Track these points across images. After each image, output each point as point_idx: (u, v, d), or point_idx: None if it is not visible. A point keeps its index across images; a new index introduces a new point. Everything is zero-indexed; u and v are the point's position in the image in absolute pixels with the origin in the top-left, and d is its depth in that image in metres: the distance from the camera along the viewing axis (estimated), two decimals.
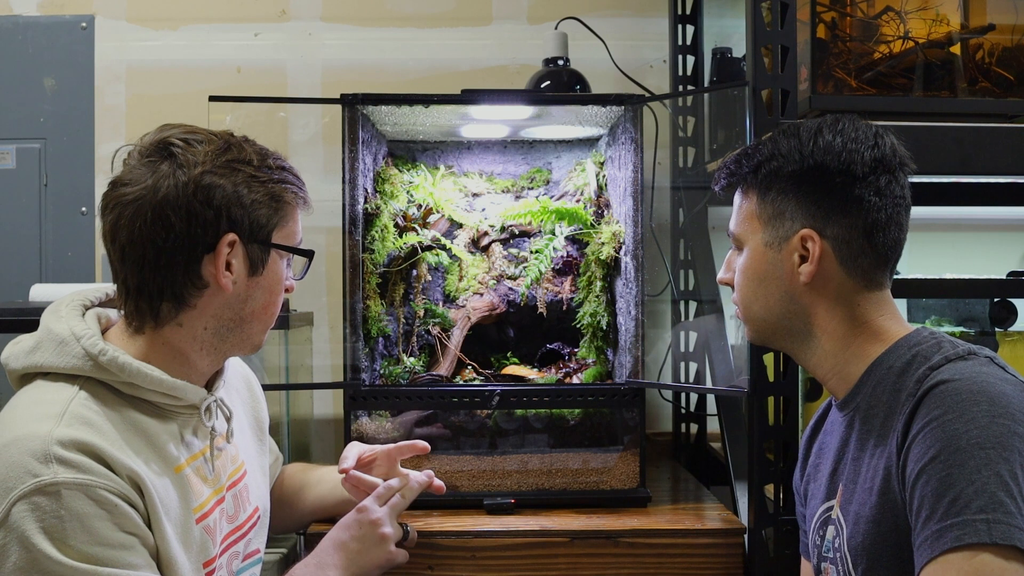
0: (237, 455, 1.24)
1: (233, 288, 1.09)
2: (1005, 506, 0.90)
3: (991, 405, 0.95)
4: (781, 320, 1.14)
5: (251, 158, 1.10)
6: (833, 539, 1.11)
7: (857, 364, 1.11)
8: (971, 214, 2.11)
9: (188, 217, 1.04)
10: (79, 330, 1.06)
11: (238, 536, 1.20)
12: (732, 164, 1.18)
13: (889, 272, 1.13)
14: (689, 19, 2.17)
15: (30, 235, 2.20)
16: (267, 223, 1.11)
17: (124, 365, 1.04)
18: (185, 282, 1.07)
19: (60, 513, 0.94)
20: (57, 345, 1.05)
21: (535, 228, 1.84)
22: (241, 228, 1.08)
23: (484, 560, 1.45)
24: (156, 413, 1.08)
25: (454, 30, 2.25)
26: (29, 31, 2.22)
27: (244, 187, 1.08)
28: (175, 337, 1.09)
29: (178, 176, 1.05)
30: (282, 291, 1.17)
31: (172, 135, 1.08)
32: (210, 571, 1.12)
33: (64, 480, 0.95)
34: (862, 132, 1.10)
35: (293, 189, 1.14)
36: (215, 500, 1.14)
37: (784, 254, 1.11)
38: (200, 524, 1.10)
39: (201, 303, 1.09)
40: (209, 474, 1.14)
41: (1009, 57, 1.62)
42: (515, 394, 1.62)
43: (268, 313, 1.16)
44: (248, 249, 1.09)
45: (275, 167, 1.12)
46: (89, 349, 1.04)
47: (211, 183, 1.05)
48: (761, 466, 1.47)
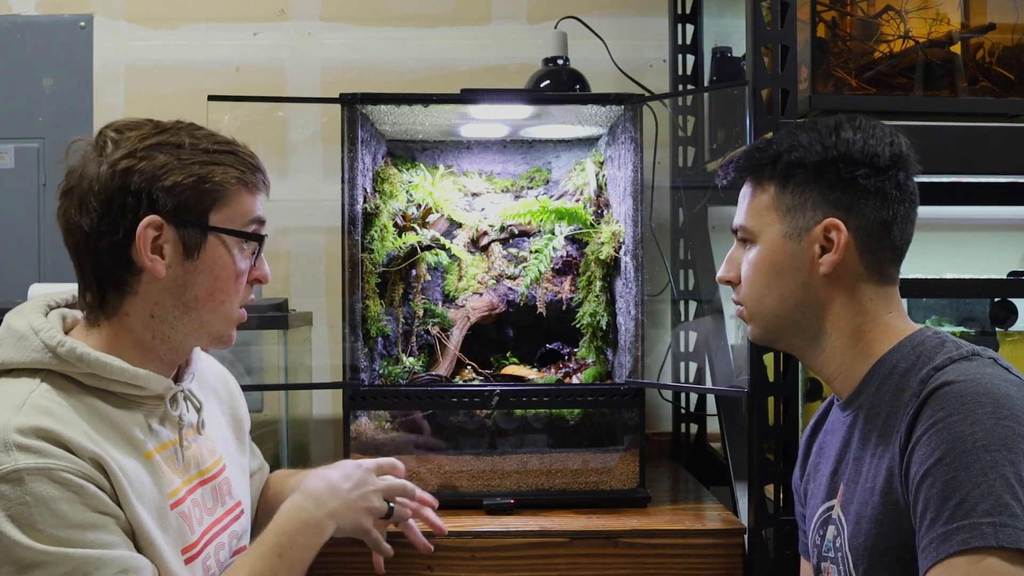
0: (215, 449, 1.23)
1: (168, 272, 1.08)
2: (1011, 509, 0.89)
3: (996, 407, 0.95)
4: (794, 314, 1.14)
5: (182, 141, 1.09)
6: (834, 539, 1.11)
7: (863, 362, 1.11)
8: (971, 214, 2.11)
9: (107, 202, 1.05)
10: (38, 325, 1.06)
11: (220, 528, 1.20)
12: (742, 158, 1.17)
13: (899, 268, 1.14)
14: (689, 18, 2.17)
15: (28, 235, 2.20)
16: (197, 205, 1.09)
17: (83, 355, 1.04)
18: (116, 267, 1.07)
19: (26, 499, 0.94)
20: (17, 340, 1.06)
21: (535, 228, 1.84)
22: (164, 211, 1.07)
23: (483, 560, 1.45)
24: (121, 404, 1.08)
25: (453, 29, 2.24)
26: (28, 30, 2.22)
27: (165, 169, 1.06)
28: (127, 326, 1.10)
29: (100, 163, 1.06)
30: (234, 277, 1.13)
31: (111, 126, 1.10)
32: (190, 557, 1.11)
33: (26, 466, 0.95)
34: (879, 130, 1.12)
35: (234, 172, 1.11)
36: (186, 489, 1.14)
37: (804, 245, 1.11)
38: (175, 510, 1.10)
39: (141, 289, 1.09)
40: (179, 463, 1.14)
41: (1009, 56, 1.62)
42: (515, 394, 1.62)
43: (216, 300, 1.12)
44: (181, 233, 1.08)
45: (214, 150, 1.10)
46: (47, 341, 1.04)
47: (128, 167, 1.05)
48: (761, 466, 1.46)
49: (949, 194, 1.67)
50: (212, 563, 1.16)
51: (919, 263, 1.92)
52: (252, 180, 1.14)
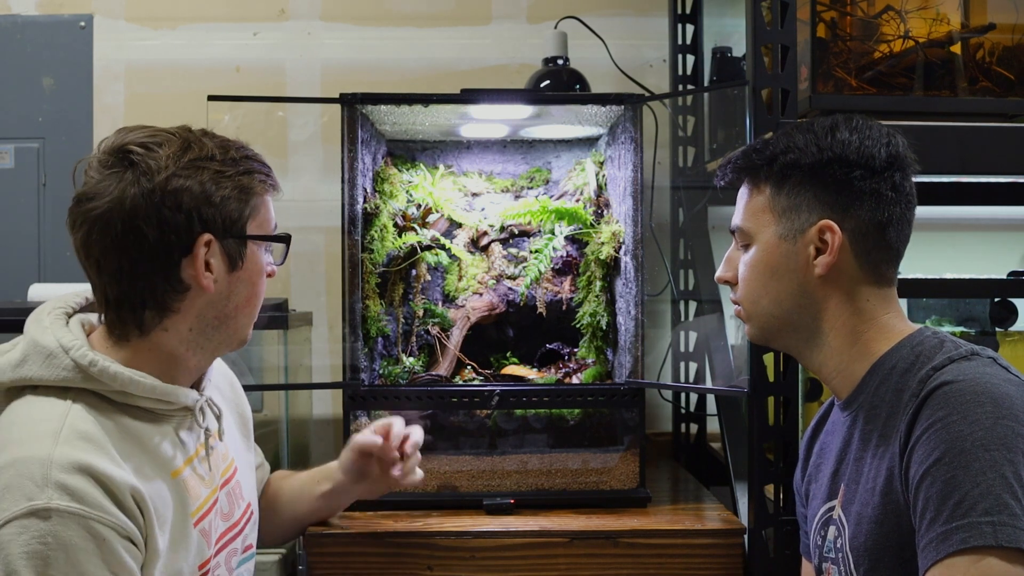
0: (227, 452, 1.23)
1: (215, 287, 1.08)
2: (1010, 508, 0.89)
3: (995, 406, 0.95)
4: (790, 315, 1.14)
5: (213, 153, 1.08)
6: (835, 539, 1.11)
7: (861, 362, 1.11)
8: (971, 214, 2.11)
9: (160, 224, 1.03)
10: (66, 341, 1.04)
11: (234, 534, 1.20)
12: (740, 159, 1.17)
13: (897, 269, 1.13)
14: (689, 18, 2.17)
15: (28, 235, 2.19)
16: (239, 217, 1.09)
17: (116, 375, 1.03)
18: (166, 288, 1.05)
19: (47, 539, 0.93)
20: (45, 358, 1.03)
21: (534, 228, 1.84)
22: (215, 227, 1.06)
23: (483, 560, 1.45)
24: (149, 418, 1.07)
25: (453, 29, 2.24)
26: (28, 30, 2.22)
27: (212, 184, 1.06)
28: (162, 341, 1.08)
29: (143, 184, 1.03)
30: (263, 279, 1.15)
31: (130, 140, 1.06)
32: (204, 572, 1.11)
33: (57, 507, 0.94)
34: (876, 130, 1.11)
35: (260, 177, 1.12)
36: (212, 501, 1.14)
37: (799, 246, 1.11)
38: (197, 527, 1.09)
39: (184, 306, 1.07)
40: (205, 474, 1.14)
41: (1009, 56, 1.61)
42: (515, 394, 1.62)
43: (251, 305, 1.14)
44: (224, 245, 1.08)
45: (239, 158, 1.10)
46: (79, 360, 1.02)
47: (178, 187, 1.04)
48: (761, 466, 1.46)
49: (949, 194, 1.66)
50: (223, 571, 1.16)
51: (919, 263, 1.92)
52: (273, 183, 1.15)
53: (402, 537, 1.38)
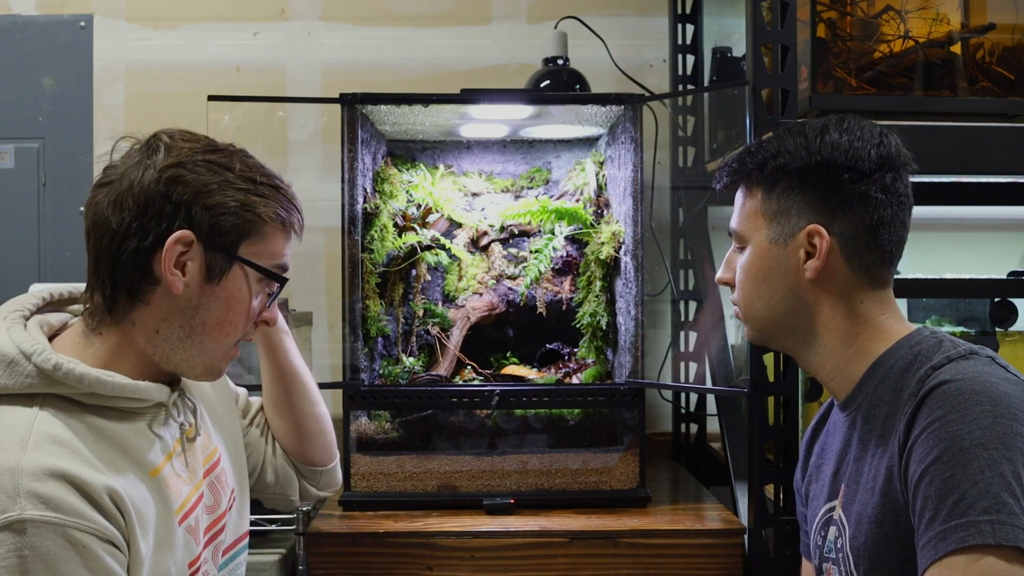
0: (208, 441, 1.21)
1: (184, 291, 1.05)
2: (1009, 507, 0.89)
3: (993, 405, 0.95)
4: (784, 318, 1.14)
5: (233, 165, 1.07)
6: (835, 539, 1.11)
7: (859, 363, 1.11)
8: (971, 214, 2.11)
9: (144, 204, 1.02)
10: (27, 346, 1.01)
11: (219, 528, 1.19)
12: (735, 162, 1.17)
13: (892, 270, 1.13)
14: (689, 18, 2.17)
15: (28, 235, 2.19)
16: (231, 231, 1.06)
17: (83, 376, 1.00)
18: (135, 271, 1.04)
19: (23, 552, 0.90)
20: (7, 366, 0.99)
21: (534, 228, 1.84)
22: (199, 228, 1.04)
23: (483, 560, 1.45)
24: (122, 417, 1.05)
25: (453, 29, 2.24)
26: (28, 30, 2.22)
27: (214, 187, 1.05)
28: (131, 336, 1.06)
29: (148, 166, 1.03)
30: (244, 312, 1.10)
31: (168, 132, 1.07)
32: (195, 570, 1.10)
33: (31, 517, 0.90)
34: (867, 131, 1.10)
35: (275, 207, 1.09)
36: (196, 497, 1.13)
37: (789, 250, 1.11)
38: (183, 525, 1.08)
39: (154, 300, 1.05)
40: (183, 471, 1.12)
41: (1009, 56, 1.62)
42: (515, 394, 1.62)
43: (222, 331, 1.09)
44: (208, 254, 1.06)
45: (261, 182, 1.08)
46: (42, 366, 0.99)
47: (176, 176, 1.03)
48: (761, 466, 1.46)
49: (949, 194, 1.66)
50: (209, 567, 1.15)
51: (919, 263, 1.93)
52: (291, 221, 1.12)
53: (402, 537, 1.38)
